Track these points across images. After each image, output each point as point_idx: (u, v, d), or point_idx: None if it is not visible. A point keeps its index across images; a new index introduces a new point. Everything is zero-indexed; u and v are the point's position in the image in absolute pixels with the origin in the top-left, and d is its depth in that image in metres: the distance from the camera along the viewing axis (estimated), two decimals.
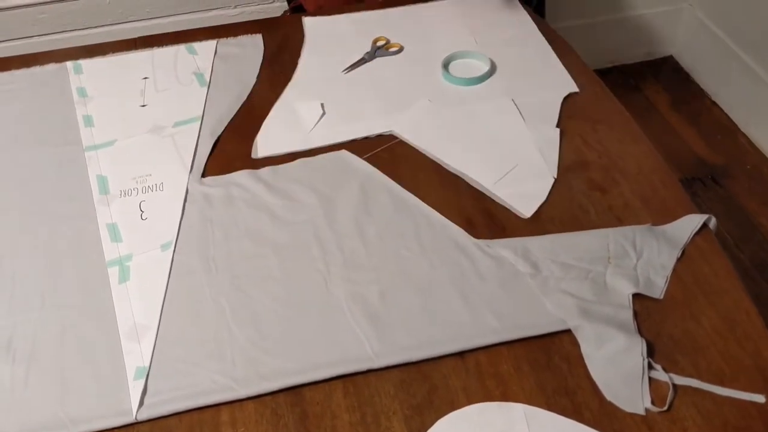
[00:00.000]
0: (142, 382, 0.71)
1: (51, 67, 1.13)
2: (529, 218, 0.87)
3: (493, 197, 0.90)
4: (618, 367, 0.71)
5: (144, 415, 0.69)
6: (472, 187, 0.91)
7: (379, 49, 1.13)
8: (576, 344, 0.74)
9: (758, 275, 1.70)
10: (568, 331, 0.75)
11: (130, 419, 0.69)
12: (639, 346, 0.72)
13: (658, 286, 0.78)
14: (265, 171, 0.94)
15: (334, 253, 0.83)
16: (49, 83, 1.10)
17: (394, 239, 0.85)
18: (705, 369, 0.71)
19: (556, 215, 0.87)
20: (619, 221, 0.86)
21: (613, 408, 0.69)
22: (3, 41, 1.71)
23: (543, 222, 0.87)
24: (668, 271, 0.80)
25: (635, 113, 1.02)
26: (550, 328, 0.75)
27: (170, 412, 0.70)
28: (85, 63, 1.13)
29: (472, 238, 0.84)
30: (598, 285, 0.79)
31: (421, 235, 0.85)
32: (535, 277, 0.80)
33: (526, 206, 0.88)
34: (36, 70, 1.13)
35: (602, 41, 2.18)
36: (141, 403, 0.70)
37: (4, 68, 1.14)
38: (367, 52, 1.12)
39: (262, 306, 0.78)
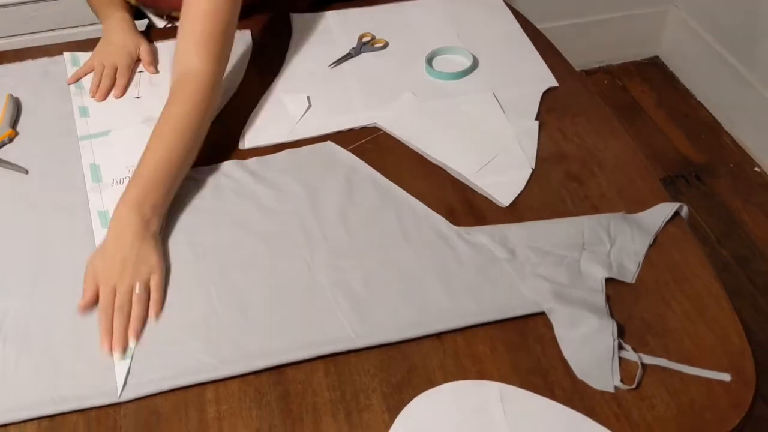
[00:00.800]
0: (127, 362, 0.74)
1: (43, 60, 1.15)
2: (507, 207, 0.90)
3: (473, 187, 0.92)
4: (590, 347, 0.74)
5: (130, 394, 0.71)
6: (454, 177, 0.94)
7: (365, 45, 1.15)
8: (549, 326, 0.76)
9: (740, 271, 1.73)
10: (542, 314, 0.77)
11: (115, 399, 0.71)
12: (610, 328, 0.75)
13: (630, 271, 0.81)
14: (252, 161, 0.96)
15: (319, 240, 0.86)
16: (42, 76, 1.12)
17: (378, 227, 0.87)
18: (674, 350, 0.74)
19: (534, 204, 0.90)
20: (595, 210, 0.89)
21: (584, 386, 0.71)
22: None
23: (521, 210, 0.89)
24: (640, 257, 0.82)
25: (622, 113, 1.05)
26: (525, 310, 0.78)
27: (156, 391, 0.72)
28: (82, 55, 1.15)
29: (452, 226, 0.87)
30: (572, 270, 0.81)
31: (404, 223, 0.87)
32: (512, 263, 0.82)
33: (504, 195, 0.90)
34: (28, 63, 1.15)
35: (589, 42, 2.21)
36: (125, 383, 0.72)
37: None
38: (353, 48, 1.15)
39: (248, 291, 0.80)
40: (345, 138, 1.00)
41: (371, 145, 0.99)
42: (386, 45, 1.16)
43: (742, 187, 1.94)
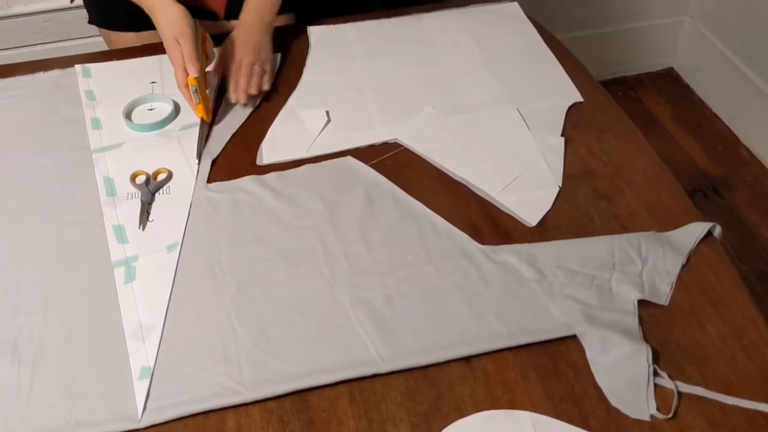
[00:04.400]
0: (146, 382, 0.71)
1: (55, 72, 1.13)
2: (534, 226, 0.87)
3: (498, 205, 0.90)
4: (623, 373, 0.71)
5: (149, 419, 0.69)
6: (477, 194, 0.92)
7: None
8: (582, 351, 0.74)
9: (759, 286, 1.70)
10: (574, 338, 0.75)
11: (135, 424, 0.68)
12: (644, 353, 0.72)
13: (663, 293, 0.78)
14: (271, 177, 0.94)
15: (339, 258, 0.83)
16: (54, 88, 1.10)
17: (400, 245, 0.85)
18: (711, 377, 0.71)
19: (562, 223, 0.88)
20: (624, 229, 0.87)
21: (620, 416, 0.69)
22: (7, 49, 1.71)
23: (549, 230, 0.87)
24: (673, 278, 0.80)
25: (636, 125, 1.03)
26: (555, 333, 0.75)
27: (176, 416, 0.69)
28: (93, 67, 1.13)
29: (477, 244, 0.84)
30: (603, 291, 0.79)
31: (426, 240, 0.85)
32: (540, 283, 0.80)
33: (531, 214, 0.88)
34: (40, 75, 1.13)
35: (604, 53, 2.19)
36: (145, 408, 0.70)
37: (8, 74, 1.14)
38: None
39: (267, 310, 0.78)
40: (365, 154, 0.97)
41: (391, 161, 0.97)
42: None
43: (760, 200, 1.91)
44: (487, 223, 0.88)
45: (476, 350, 0.74)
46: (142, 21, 1.07)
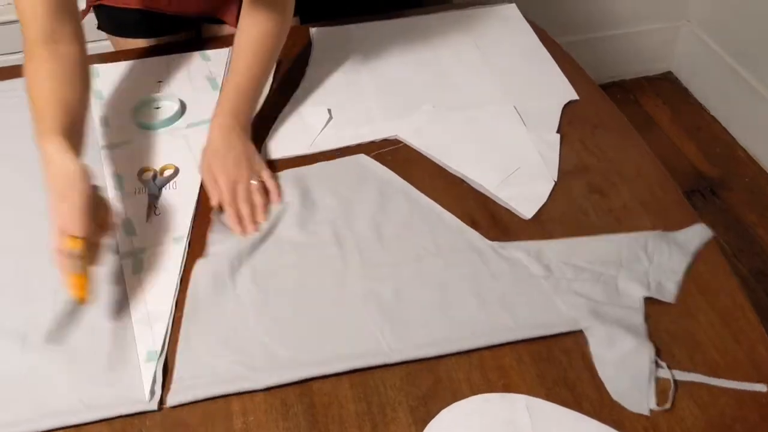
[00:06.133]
0: (153, 365, 0.74)
1: None
2: (531, 219, 0.89)
3: (495, 199, 0.92)
4: (626, 368, 0.72)
5: (157, 402, 0.71)
6: (475, 189, 0.94)
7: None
8: (575, 339, 0.76)
9: (756, 285, 1.72)
10: None
11: (144, 406, 0.71)
12: (648, 349, 0.73)
13: (669, 291, 0.80)
14: (285, 173, 0.96)
15: (352, 252, 0.85)
16: None
17: (411, 240, 0.86)
18: (701, 362, 0.74)
19: (557, 216, 0.90)
20: (618, 222, 0.89)
21: (612, 399, 0.71)
22: (19, 52, 1.73)
23: (544, 222, 0.89)
24: (679, 276, 0.81)
25: (635, 127, 1.05)
26: (562, 328, 0.76)
27: (187, 401, 0.71)
28: (101, 67, 1.16)
29: (486, 240, 0.86)
30: (609, 288, 0.80)
31: (436, 236, 0.87)
32: (548, 279, 0.81)
33: (527, 208, 0.90)
34: None
35: (602, 56, 2.21)
36: (153, 391, 0.72)
37: (17, 75, 1.16)
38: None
39: (280, 300, 0.80)
40: (365, 150, 1.00)
41: (391, 156, 0.99)
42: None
43: (757, 201, 1.93)
44: (485, 216, 0.90)
45: (484, 343, 0.75)
46: (150, 28, 1.09)
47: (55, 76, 0.86)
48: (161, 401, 0.72)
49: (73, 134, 0.83)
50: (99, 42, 1.64)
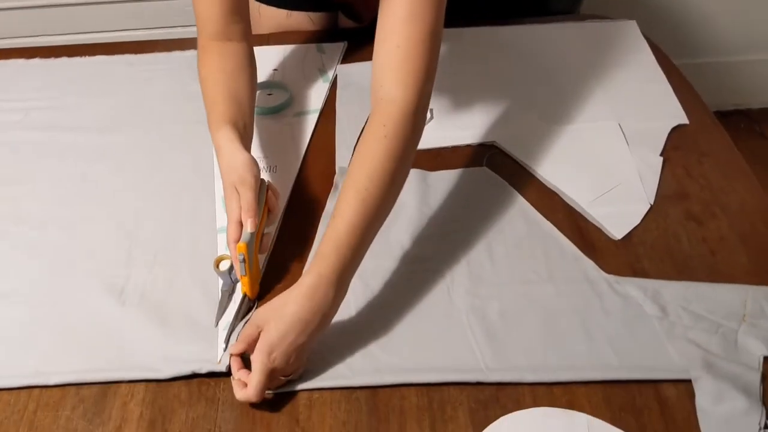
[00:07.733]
0: (226, 332, 0.78)
1: (190, 52, 1.23)
2: (619, 240, 0.88)
3: (585, 215, 0.91)
4: (731, 427, 0.69)
5: (226, 366, 0.75)
6: (566, 203, 0.93)
7: None
8: None
9: None
10: None
11: (214, 367, 0.75)
12: (759, 413, 0.70)
13: None
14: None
15: (461, 264, 0.85)
16: (186, 67, 1.20)
17: (523, 261, 0.86)
18: None
19: (648, 240, 0.88)
20: (712, 254, 0.86)
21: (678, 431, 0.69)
22: (151, 28, 1.85)
23: (633, 245, 0.87)
24: None
25: (757, 160, 1.00)
26: (670, 374, 0.74)
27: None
28: None
29: (602, 272, 0.84)
30: (728, 341, 0.77)
31: (550, 260, 0.86)
32: (662, 321, 0.79)
33: (618, 228, 0.89)
34: (176, 54, 1.23)
35: (727, 82, 2.11)
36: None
37: (149, 50, 1.25)
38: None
39: (385, 305, 0.81)
40: (461, 152, 1.01)
41: (486, 161, 1.00)
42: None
43: None
44: (572, 232, 0.89)
45: (584, 377, 0.74)
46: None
47: (225, 69, 0.93)
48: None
49: (241, 125, 0.87)
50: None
